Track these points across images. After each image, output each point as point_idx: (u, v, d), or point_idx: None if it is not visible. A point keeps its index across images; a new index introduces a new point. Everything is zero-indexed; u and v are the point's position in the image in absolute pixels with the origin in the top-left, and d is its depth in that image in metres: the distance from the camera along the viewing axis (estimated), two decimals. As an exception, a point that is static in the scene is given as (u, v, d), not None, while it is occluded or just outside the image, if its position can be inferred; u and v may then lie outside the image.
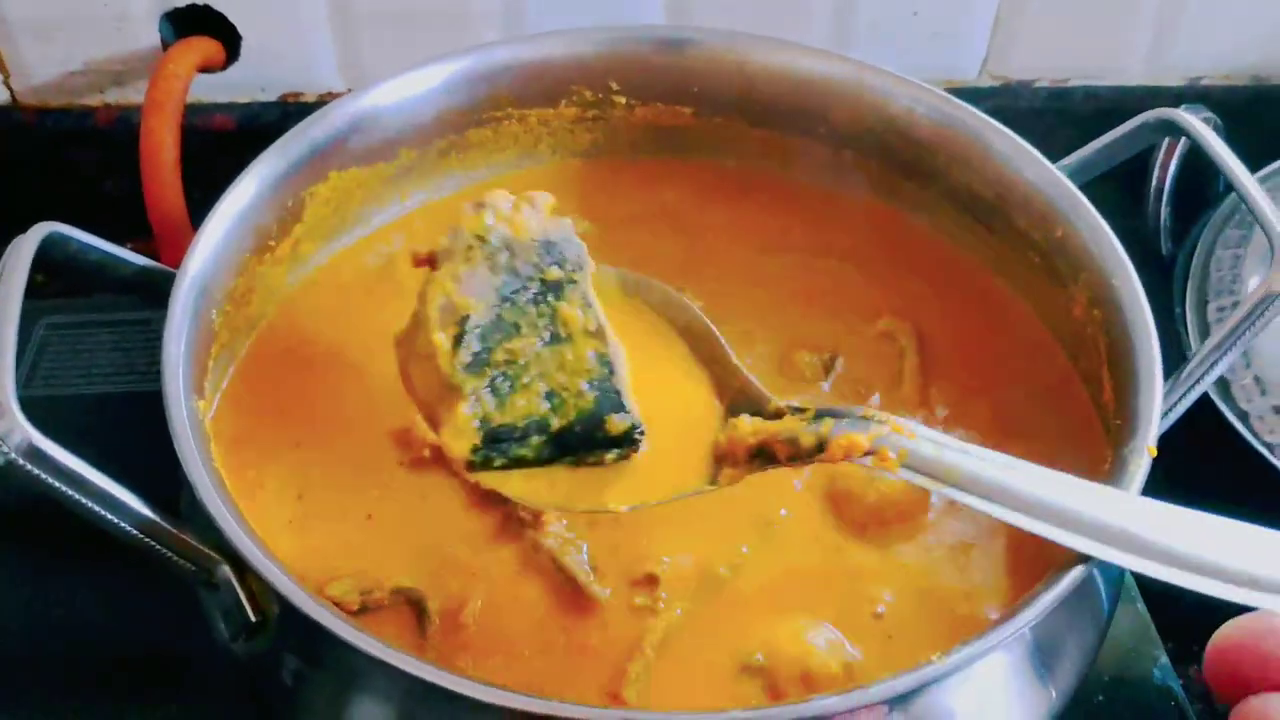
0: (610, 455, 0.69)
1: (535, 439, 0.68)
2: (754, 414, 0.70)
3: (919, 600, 0.71)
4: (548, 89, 0.90)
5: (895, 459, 0.65)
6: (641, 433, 0.69)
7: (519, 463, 0.69)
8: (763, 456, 0.69)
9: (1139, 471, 0.66)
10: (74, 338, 0.99)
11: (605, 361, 0.68)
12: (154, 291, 0.75)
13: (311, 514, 0.74)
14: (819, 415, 0.68)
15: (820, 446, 0.67)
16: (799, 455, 0.67)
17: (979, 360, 0.83)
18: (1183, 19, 1.12)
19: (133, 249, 0.76)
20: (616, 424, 0.68)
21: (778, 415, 0.69)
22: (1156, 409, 0.68)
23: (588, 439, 0.68)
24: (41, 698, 0.81)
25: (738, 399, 0.71)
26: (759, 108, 0.91)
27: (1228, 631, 0.58)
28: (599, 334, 0.69)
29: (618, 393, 0.68)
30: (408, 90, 0.86)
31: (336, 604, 0.66)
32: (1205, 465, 0.85)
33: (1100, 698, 0.82)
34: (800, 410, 0.69)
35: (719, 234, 0.90)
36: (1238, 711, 0.57)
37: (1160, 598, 0.86)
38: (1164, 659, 0.84)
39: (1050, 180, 0.81)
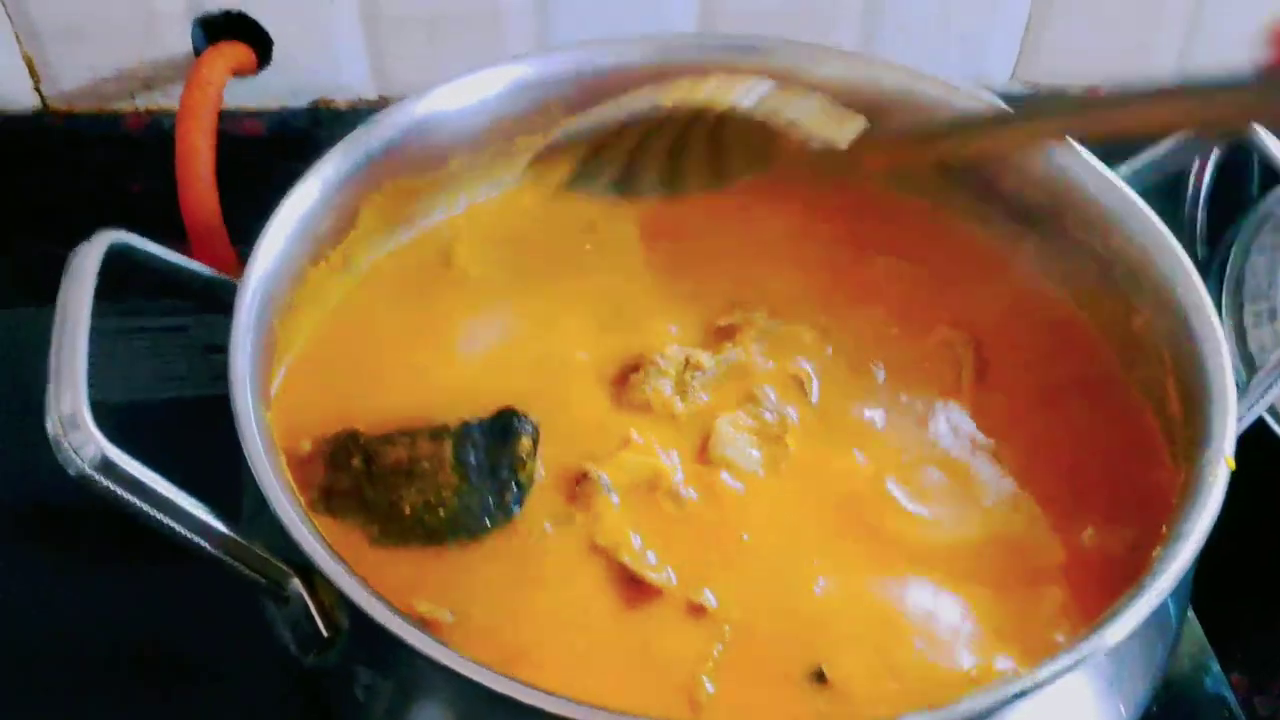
0: None
1: None
2: None
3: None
4: (597, 97, 0.89)
5: None
6: None
7: None
8: None
9: (1218, 483, 0.66)
10: (109, 345, 0.98)
11: None
12: (209, 299, 0.74)
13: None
14: None
15: None
16: None
17: (1035, 370, 0.82)
18: (1211, 23, 1.12)
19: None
20: None
21: None
22: (1231, 419, 0.68)
23: None
24: (63, 695, 0.81)
25: None
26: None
27: None
28: None
29: None
30: (463, 97, 0.85)
31: (425, 621, 0.66)
32: (1244, 467, 0.85)
33: (1154, 709, 0.82)
34: None
35: (766, 236, 0.90)
36: None
37: (1211, 608, 0.87)
38: (1216, 668, 0.84)
39: (1108, 187, 0.81)
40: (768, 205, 0.90)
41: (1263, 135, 0.80)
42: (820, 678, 0.67)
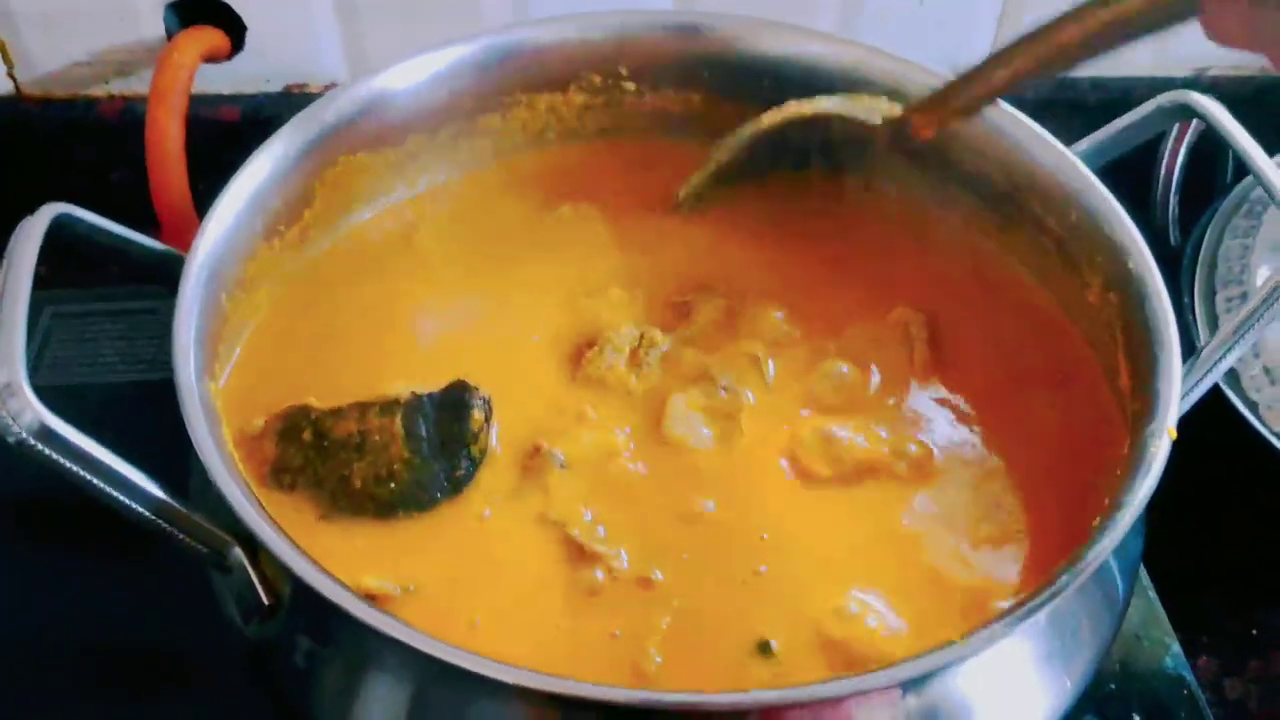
0: None
1: None
2: None
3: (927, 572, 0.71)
4: (558, 75, 0.90)
5: None
6: None
7: None
8: None
9: (1159, 454, 0.65)
10: (79, 327, 0.99)
11: None
12: (163, 275, 0.74)
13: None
14: None
15: None
16: None
17: (994, 347, 0.82)
18: (1191, 9, 1.11)
19: (137, 241, 0.76)
20: None
21: None
22: (1176, 390, 0.68)
23: None
24: (43, 693, 0.81)
25: None
26: (770, 94, 0.89)
27: None
28: None
29: None
30: (419, 74, 0.86)
31: (372, 596, 0.66)
32: (1215, 455, 0.84)
33: (1112, 686, 0.82)
34: None
35: (728, 216, 0.90)
36: None
37: (1172, 587, 0.86)
38: (1176, 648, 0.84)
39: (1064, 164, 0.81)
40: (730, 190, 0.91)
41: (1230, 126, 0.80)
42: (765, 649, 0.67)
